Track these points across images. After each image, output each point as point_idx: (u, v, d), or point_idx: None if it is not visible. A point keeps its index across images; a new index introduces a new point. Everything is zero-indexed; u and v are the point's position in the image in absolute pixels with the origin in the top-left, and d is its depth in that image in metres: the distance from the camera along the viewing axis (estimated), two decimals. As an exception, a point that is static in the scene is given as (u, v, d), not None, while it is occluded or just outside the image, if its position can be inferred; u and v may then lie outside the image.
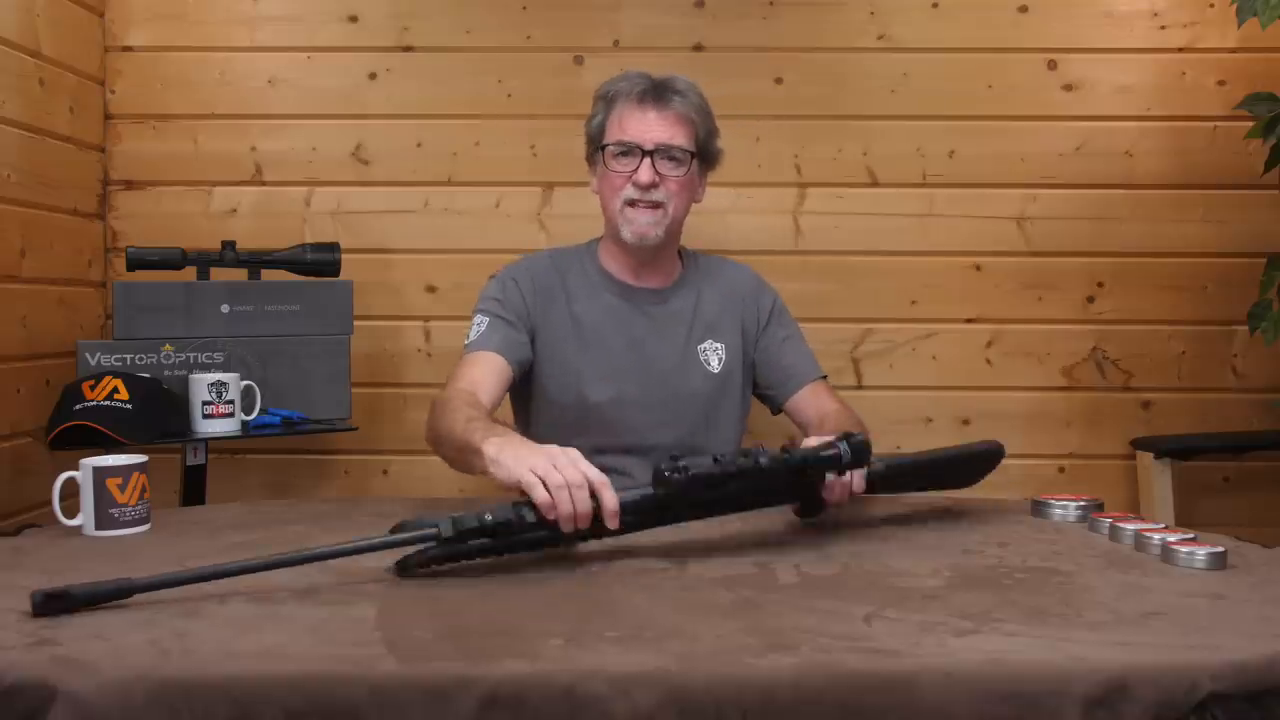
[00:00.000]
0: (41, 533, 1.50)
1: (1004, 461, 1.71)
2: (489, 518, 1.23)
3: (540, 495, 1.25)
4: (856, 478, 1.45)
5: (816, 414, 1.86)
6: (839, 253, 2.54)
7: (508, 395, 1.87)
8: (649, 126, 1.79)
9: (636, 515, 1.30)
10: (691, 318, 1.91)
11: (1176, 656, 0.96)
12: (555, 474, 1.26)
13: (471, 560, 1.25)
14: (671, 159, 1.80)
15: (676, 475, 1.28)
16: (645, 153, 1.79)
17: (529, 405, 1.90)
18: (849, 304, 2.55)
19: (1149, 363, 2.55)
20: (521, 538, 1.26)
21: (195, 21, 2.52)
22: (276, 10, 2.52)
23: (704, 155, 1.87)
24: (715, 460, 1.30)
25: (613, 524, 1.27)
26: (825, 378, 1.97)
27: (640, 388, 1.85)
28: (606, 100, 1.85)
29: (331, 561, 1.25)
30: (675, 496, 1.29)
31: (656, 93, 1.81)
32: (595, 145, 1.87)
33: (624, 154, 1.81)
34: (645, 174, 1.78)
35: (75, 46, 2.39)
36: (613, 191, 1.83)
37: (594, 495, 1.26)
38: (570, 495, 1.25)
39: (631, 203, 1.80)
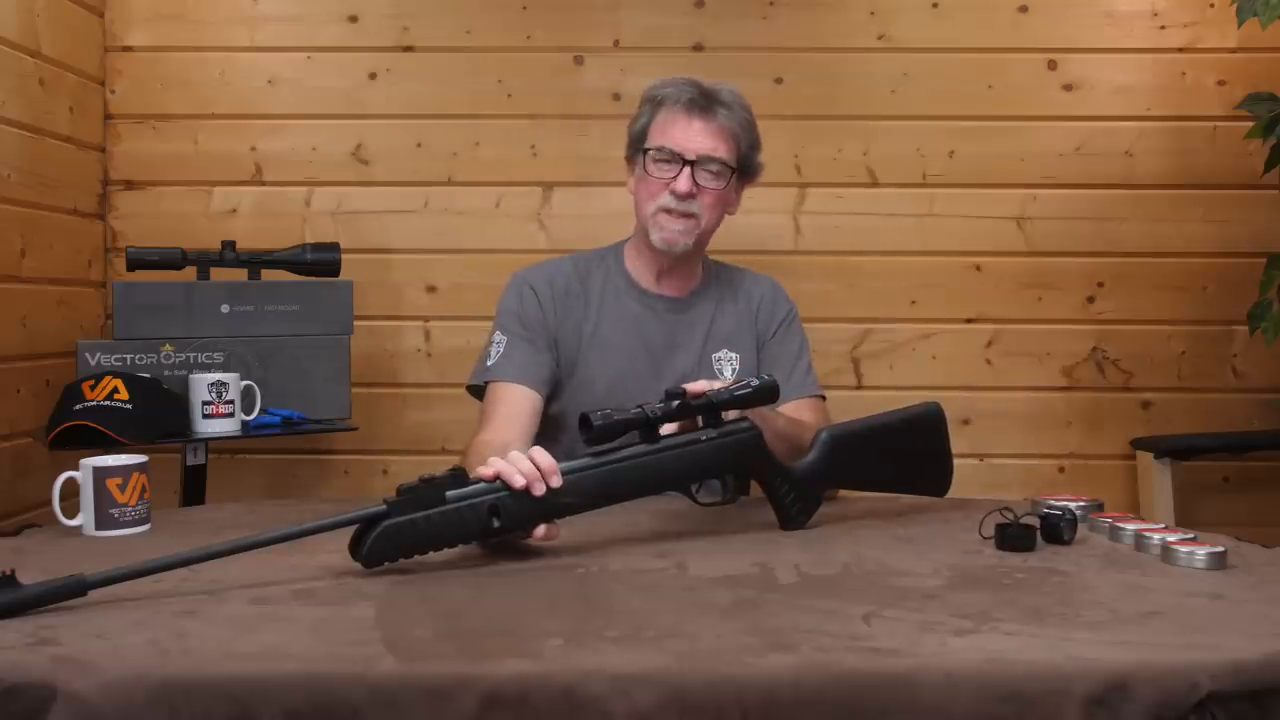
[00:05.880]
0: (41, 533, 1.50)
1: (1004, 461, 1.71)
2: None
3: (485, 470, 1.28)
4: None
5: None
6: (839, 253, 2.55)
7: None
8: (692, 136, 1.78)
9: (582, 481, 1.32)
10: (708, 327, 1.89)
11: (1176, 656, 0.96)
12: (495, 459, 1.31)
13: (432, 551, 1.24)
14: (711, 171, 1.78)
15: (599, 419, 1.34)
16: (686, 162, 1.77)
17: (547, 411, 1.88)
18: (849, 304, 2.55)
19: (1149, 363, 2.55)
20: (472, 507, 1.25)
21: (195, 21, 2.52)
22: (276, 10, 2.52)
23: (744, 169, 1.85)
24: (640, 407, 1.37)
25: (554, 481, 1.28)
26: (822, 398, 1.91)
27: (654, 396, 1.81)
28: (653, 103, 1.82)
29: (330, 561, 1.25)
30: (603, 439, 1.34)
31: (704, 103, 1.79)
32: (636, 147, 1.84)
33: (664, 160, 1.79)
34: (684, 184, 1.77)
35: (75, 46, 2.39)
36: (649, 196, 1.81)
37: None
38: (510, 460, 1.29)
39: (666, 210, 1.79)
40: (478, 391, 1.84)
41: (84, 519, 1.46)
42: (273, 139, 2.53)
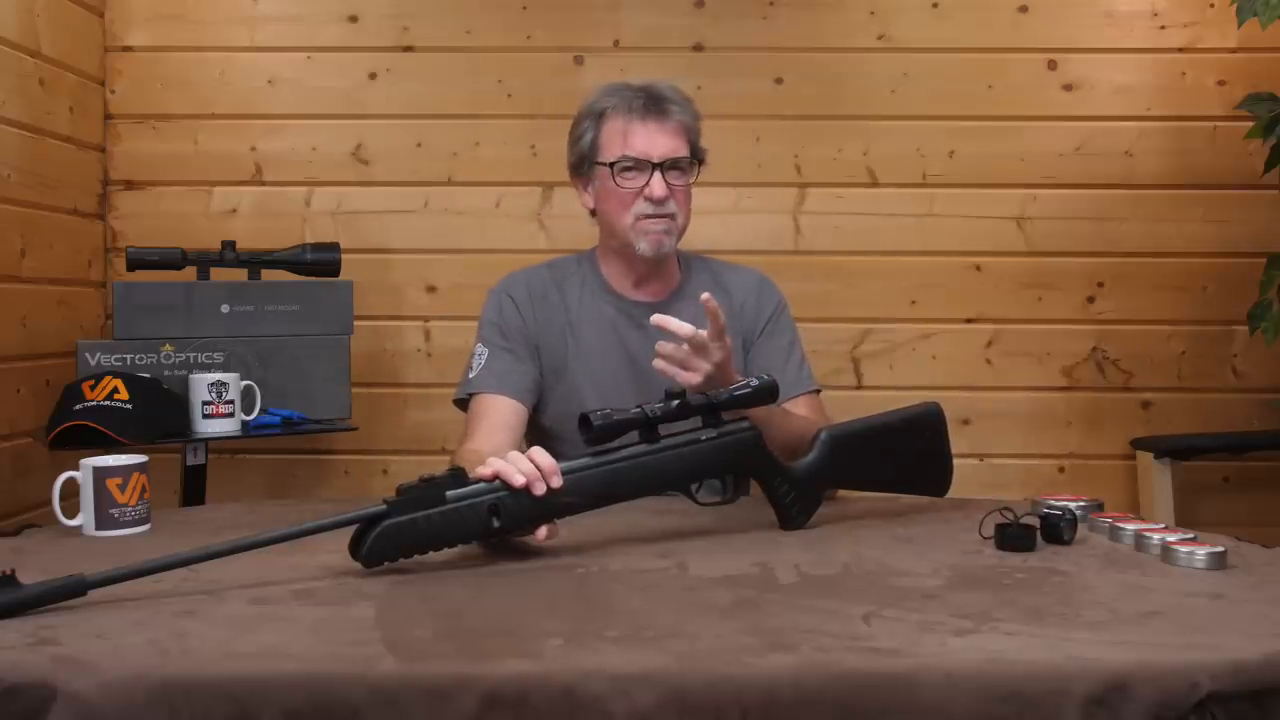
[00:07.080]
0: (41, 533, 1.50)
1: (1004, 461, 1.71)
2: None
3: (485, 469, 1.28)
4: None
5: None
6: (839, 253, 2.55)
7: None
8: (653, 139, 1.77)
9: (582, 481, 1.32)
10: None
11: (1176, 656, 0.96)
12: (495, 458, 1.31)
13: (432, 551, 1.24)
14: (678, 169, 1.79)
15: (599, 419, 1.34)
16: (655, 166, 1.77)
17: (539, 423, 1.87)
18: (849, 304, 2.55)
19: (1149, 363, 2.55)
20: (472, 507, 1.25)
21: (195, 21, 2.52)
22: (276, 10, 2.53)
23: (700, 159, 1.85)
24: (639, 407, 1.37)
25: (555, 481, 1.28)
26: (818, 391, 1.89)
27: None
28: (596, 117, 1.81)
29: (330, 561, 1.25)
30: (603, 439, 1.34)
31: (655, 105, 1.79)
32: (588, 161, 1.83)
33: (631, 169, 1.78)
34: (659, 188, 1.76)
35: (75, 46, 2.39)
36: (623, 207, 1.79)
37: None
38: (509, 459, 1.29)
39: (645, 216, 1.78)
40: (464, 405, 1.83)
41: (84, 519, 1.46)
42: (273, 139, 2.53)
